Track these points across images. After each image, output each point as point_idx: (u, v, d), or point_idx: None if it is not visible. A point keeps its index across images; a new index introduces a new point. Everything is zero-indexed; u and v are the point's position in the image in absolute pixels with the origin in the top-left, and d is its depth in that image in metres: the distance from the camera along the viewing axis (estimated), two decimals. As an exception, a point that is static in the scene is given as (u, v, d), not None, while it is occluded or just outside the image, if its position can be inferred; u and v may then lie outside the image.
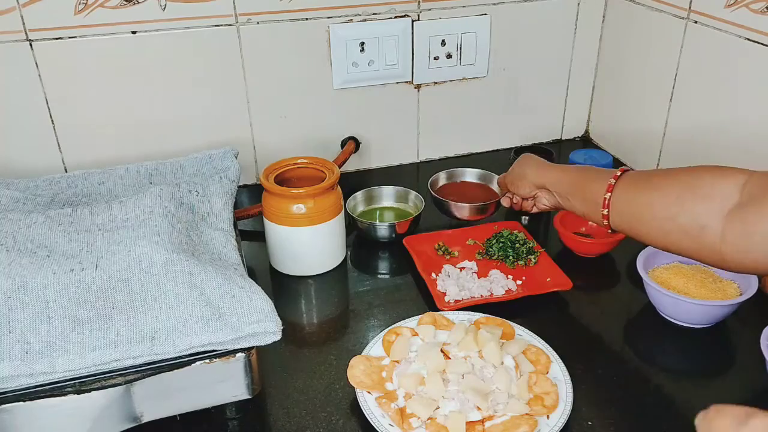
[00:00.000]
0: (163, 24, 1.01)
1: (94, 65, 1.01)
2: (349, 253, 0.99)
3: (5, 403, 0.60)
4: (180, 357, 0.65)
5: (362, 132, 1.20)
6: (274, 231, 0.91)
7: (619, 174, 0.76)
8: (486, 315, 0.81)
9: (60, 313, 0.64)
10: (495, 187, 1.08)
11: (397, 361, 0.74)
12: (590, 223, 0.97)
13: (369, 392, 0.71)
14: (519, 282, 0.91)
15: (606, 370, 0.77)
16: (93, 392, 0.62)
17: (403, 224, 0.99)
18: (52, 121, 1.03)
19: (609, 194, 0.76)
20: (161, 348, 0.64)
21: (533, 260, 0.94)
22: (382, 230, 0.99)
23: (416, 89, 1.19)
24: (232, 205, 0.89)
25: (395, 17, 1.11)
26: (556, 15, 1.20)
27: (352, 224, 1.01)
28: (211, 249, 0.77)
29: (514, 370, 0.72)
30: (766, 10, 0.89)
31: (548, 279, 0.91)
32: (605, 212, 0.76)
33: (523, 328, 0.79)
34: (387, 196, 1.08)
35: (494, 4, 1.16)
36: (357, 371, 0.73)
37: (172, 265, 0.68)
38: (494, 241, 0.97)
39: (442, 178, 1.10)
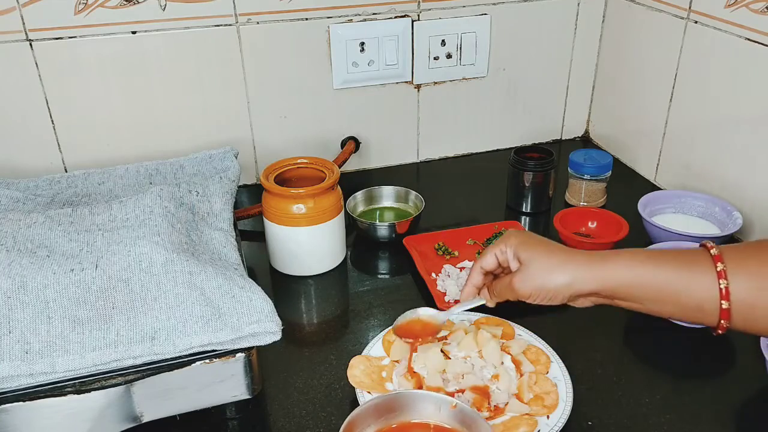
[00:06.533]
0: (163, 24, 1.01)
1: (94, 65, 1.01)
2: (349, 253, 0.99)
3: (5, 403, 0.60)
4: (180, 357, 0.65)
5: (362, 132, 1.19)
6: (274, 231, 0.91)
7: (714, 253, 0.61)
8: (486, 315, 0.81)
9: (60, 313, 0.64)
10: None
11: (397, 361, 0.74)
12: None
13: (369, 392, 0.71)
14: (519, 282, 0.91)
15: (606, 370, 0.77)
16: (93, 392, 0.62)
17: (403, 224, 0.99)
18: (52, 121, 1.03)
19: (724, 283, 0.60)
20: (161, 348, 0.64)
21: (533, 260, 0.94)
22: (382, 230, 0.99)
23: (416, 89, 1.19)
24: (232, 205, 0.89)
25: (395, 17, 1.11)
26: (556, 15, 1.20)
27: (352, 224, 1.01)
28: (211, 249, 0.77)
29: (514, 370, 0.72)
30: (766, 10, 0.89)
31: (548, 279, 0.90)
32: (725, 306, 0.60)
33: (523, 328, 0.79)
34: (387, 196, 1.08)
35: (494, 4, 1.16)
36: (357, 371, 0.73)
37: (172, 265, 0.68)
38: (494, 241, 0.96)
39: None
